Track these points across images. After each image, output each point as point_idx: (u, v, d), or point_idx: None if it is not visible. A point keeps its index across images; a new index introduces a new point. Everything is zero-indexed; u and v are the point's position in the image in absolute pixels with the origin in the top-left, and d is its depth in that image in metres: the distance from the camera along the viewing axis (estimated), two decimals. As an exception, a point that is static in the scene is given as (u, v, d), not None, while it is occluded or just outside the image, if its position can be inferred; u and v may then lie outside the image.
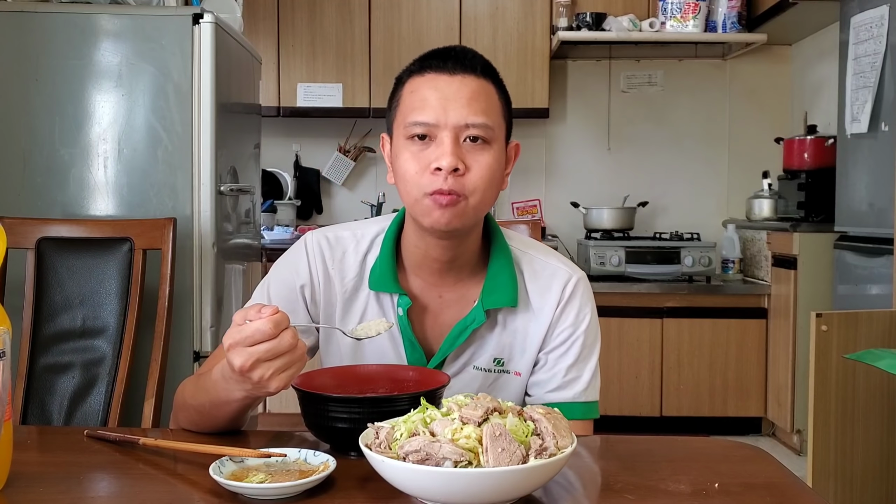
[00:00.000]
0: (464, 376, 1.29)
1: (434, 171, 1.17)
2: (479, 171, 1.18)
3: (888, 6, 2.93)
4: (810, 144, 3.81)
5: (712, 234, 4.41)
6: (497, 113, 1.22)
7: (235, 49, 2.59)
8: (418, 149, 1.19)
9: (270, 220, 4.33)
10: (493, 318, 1.29)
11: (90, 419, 1.98)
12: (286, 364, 1.01)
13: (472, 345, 1.29)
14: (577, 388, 1.28)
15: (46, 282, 2.02)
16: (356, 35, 4.25)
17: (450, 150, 1.16)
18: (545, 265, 1.32)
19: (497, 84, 1.24)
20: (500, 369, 1.30)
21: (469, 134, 1.18)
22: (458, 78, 1.19)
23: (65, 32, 2.30)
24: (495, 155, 1.20)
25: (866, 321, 2.35)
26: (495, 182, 1.22)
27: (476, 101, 1.19)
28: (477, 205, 1.20)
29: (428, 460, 0.88)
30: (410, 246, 1.28)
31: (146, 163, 2.31)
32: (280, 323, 1.00)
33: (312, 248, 1.32)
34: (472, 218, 1.21)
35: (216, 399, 1.13)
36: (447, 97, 1.18)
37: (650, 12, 4.19)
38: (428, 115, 1.18)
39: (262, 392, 1.04)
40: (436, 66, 1.20)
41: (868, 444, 2.35)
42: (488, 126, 1.19)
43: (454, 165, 1.16)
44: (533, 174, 4.61)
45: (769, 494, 0.91)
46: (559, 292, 1.29)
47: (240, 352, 1.00)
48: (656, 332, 3.95)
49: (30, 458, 1.10)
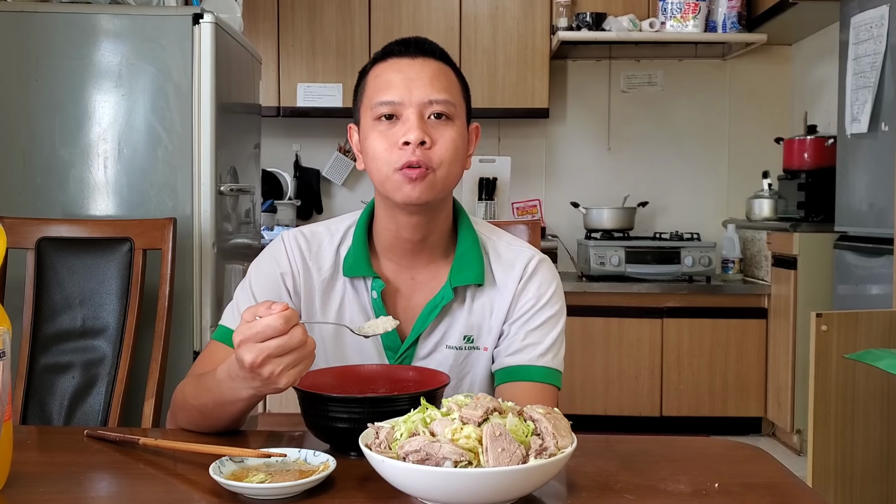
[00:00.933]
0: (436, 356, 1.33)
1: (402, 146, 1.23)
2: (444, 144, 1.25)
3: (888, 6, 2.93)
4: (810, 144, 3.81)
5: (712, 234, 4.41)
6: (457, 92, 1.29)
7: (235, 49, 2.59)
8: (385, 128, 1.25)
9: (270, 220, 4.33)
10: (461, 295, 1.33)
11: (90, 419, 1.98)
12: (296, 360, 1.02)
13: (443, 322, 1.33)
14: (534, 352, 1.31)
15: (46, 282, 2.02)
16: (356, 35, 4.25)
17: (416, 124, 1.23)
18: (509, 248, 1.38)
19: (454, 69, 1.32)
20: (469, 346, 1.34)
21: (433, 111, 1.25)
22: (419, 60, 1.27)
23: (65, 32, 2.30)
24: (458, 130, 1.27)
25: (866, 321, 2.35)
26: (460, 156, 1.28)
27: (437, 79, 1.26)
28: (445, 177, 1.26)
29: (428, 460, 0.88)
30: (381, 229, 1.33)
31: (146, 163, 2.31)
32: (290, 319, 1.01)
33: (290, 242, 1.37)
34: (441, 190, 1.27)
35: (220, 399, 1.13)
36: (410, 77, 1.25)
37: (650, 12, 4.20)
38: (393, 95, 1.25)
39: (270, 389, 1.05)
40: (398, 51, 1.28)
41: (868, 444, 2.35)
42: (450, 102, 1.26)
43: (421, 138, 1.22)
44: (533, 174, 4.61)
45: (769, 494, 0.91)
46: (521, 269, 1.35)
47: (250, 348, 1.00)
48: (656, 332, 3.95)
49: (30, 458, 1.10)
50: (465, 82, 1.33)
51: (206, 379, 1.18)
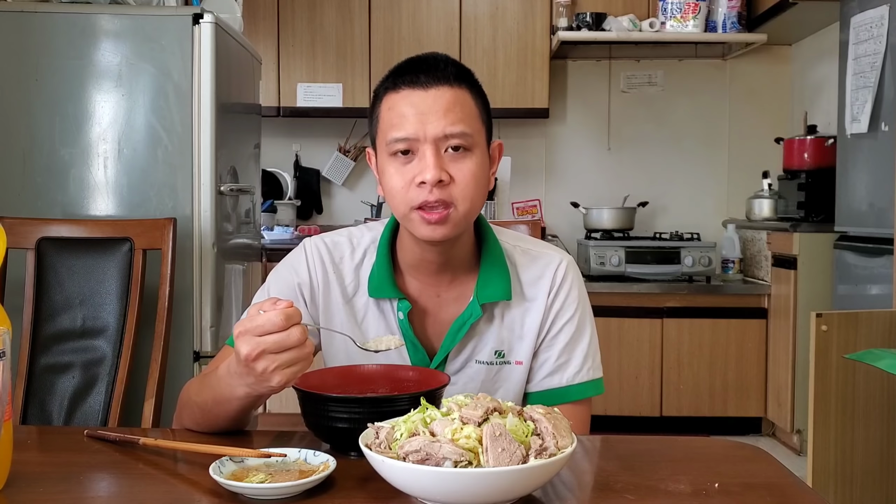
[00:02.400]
0: (467, 371, 1.32)
1: (419, 185, 1.19)
2: (463, 179, 1.21)
3: (888, 6, 2.93)
4: (810, 144, 3.81)
5: (712, 234, 4.41)
6: (475, 118, 1.24)
7: (235, 49, 2.59)
8: (401, 164, 1.21)
9: (270, 220, 4.33)
10: (489, 312, 1.31)
11: (90, 419, 1.98)
12: (292, 360, 1.02)
13: (472, 339, 1.31)
14: (568, 371, 1.32)
15: (46, 282, 2.02)
16: (356, 35, 4.25)
17: (432, 162, 1.19)
18: (536, 255, 1.35)
19: (472, 88, 1.26)
20: (501, 361, 1.33)
21: (449, 144, 1.20)
22: (433, 91, 1.21)
23: (65, 32, 2.30)
24: (478, 160, 1.22)
25: (866, 321, 2.35)
26: (481, 186, 1.24)
27: (452, 111, 1.20)
28: (467, 212, 1.22)
29: (428, 460, 0.88)
30: (406, 250, 1.31)
31: (146, 163, 2.31)
32: (291, 317, 1.01)
33: (312, 252, 1.35)
34: (464, 225, 1.24)
35: (219, 396, 1.13)
36: (423, 111, 1.20)
37: (650, 12, 4.19)
38: (407, 131, 1.20)
39: (264, 387, 1.04)
40: (409, 81, 1.22)
41: (868, 444, 2.35)
42: (467, 134, 1.21)
43: (438, 178, 1.18)
44: (533, 174, 4.61)
45: (769, 494, 0.91)
46: (550, 279, 1.33)
47: (248, 340, 1.01)
48: (656, 332, 3.96)
49: (30, 458, 1.10)
50: (484, 101, 1.28)
51: (209, 376, 1.18)
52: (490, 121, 1.29)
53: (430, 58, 1.25)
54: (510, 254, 1.34)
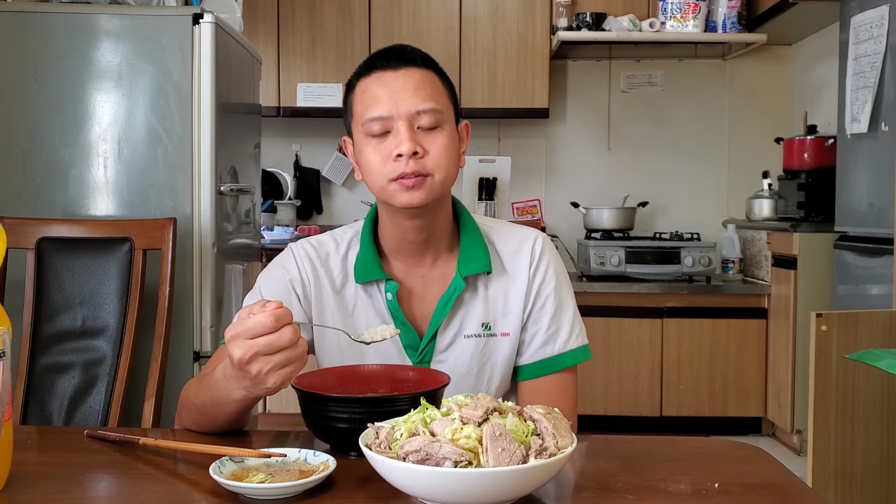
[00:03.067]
0: (456, 346, 1.35)
1: (395, 159, 1.26)
2: (436, 151, 1.27)
3: (888, 6, 2.93)
4: (810, 144, 3.81)
5: (712, 234, 4.41)
6: (443, 97, 1.31)
7: (235, 49, 2.59)
8: (378, 142, 1.28)
9: (270, 220, 4.33)
10: (472, 284, 1.36)
11: (90, 419, 1.98)
12: (285, 360, 1.02)
13: (459, 313, 1.35)
14: (559, 340, 1.37)
15: (46, 282, 2.02)
16: (356, 35, 4.25)
17: (407, 136, 1.25)
18: (510, 233, 1.42)
19: (438, 72, 1.33)
20: (488, 333, 1.37)
21: (421, 120, 1.27)
22: (402, 72, 1.29)
23: (65, 32, 2.30)
24: (448, 134, 1.29)
25: (866, 321, 2.35)
26: (454, 158, 1.30)
27: (422, 88, 1.28)
28: (442, 180, 1.28)
29: (428, 460, 0.88)
30: (387, 233, 1.36)
31: (146, 163, 2.31)
32: (281, 318, 1.01)
33: (299, 251, 1.39)
34: (440, 192, 1.29)
35: (216, 398, 1.13)
36: (395, 90, 1.27)
37: (650, 12, 4.19)
38: (381, 110, 1.26)
39: (260, 389, 1.04)
40: (380, 65, 1.30)
41: (868, 444, 2.35)
42: (437, 110, 1.27)
43: (413, 149, 1.24)
44: (533, 174, 4.61)
45: (769, 494, 0.91)
46: (529, 254, 1.39)
47: (240, 343, 1.01)
48: (656, 332, 3.95)
49: (30, 458, 1.10)
50: (450, 84, 1.35)
51: (207, 378, 1.18)
52: (457, 103, 1.36)
53: (398, 46, 1.33)
54: (486, 233, 1.40)
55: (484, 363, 1.36)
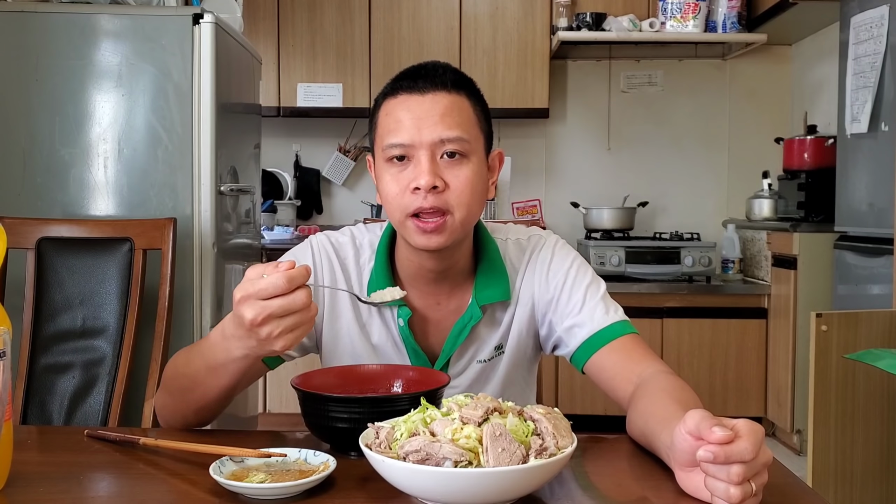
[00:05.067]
0: (469, 372, 1.33)
1: (414, 191, 1.18)
2: (458, 185, 1.19)
3: (888, 6, 2.93)
4: (810, 144, 3.81)
5: (712, 234, 4.42)
6: (472, 125, 1.22)
7: (235, 49, 2.59)
8: (398, 170, 1.20)
9: (270, 220, 4.33)
10: (489, 313, 1.31)
11: (90, 419, 1.98)
12: (296, 323, 1.00)
13: (474, 343, 1.32)
14: (596, 317, 1.27)
15: (46, 282, 2.02)
16: (356, 35, 4.25)
17: (427, 168, 1.17)
18: (524, 245, 1.35)
19: (472, 95, 1.24)
20: (499, 354, 1.34)
21: (445, 150, 1.18)
22: (430, 96, 1.20)
23: (65, 32, 2.30)
24: (474, 167, 1.21)
25: (866, 321, 2.35)
26: (478, 194, 1.22)
27: (449, 115, 1.19)
28: (463, 219, 1.21)
29: (428, 460, 0.88)
30: (404, 259, 1.30)
31: (146, 163, 2.31)
32: (294, 279, 0.99)
33: (319, 250, 1.34)
34: (461, 233, 1.23)
35: (212, 361, 1.11)
36: (419, 116, 1.18)
37: (650, 12, 4.19)
38: (403, 136, 1.18)
39: (265, 349, 1.03)
40: (407, 86, 1.21)
41: (868, 444, 2.35)
42: (463, 139, 1.19)
43: (432, 183, 1.17)
44: (533, 174, 4.61)
45: (769, 494, 0.90)
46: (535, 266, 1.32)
47: (252, 304, 0.99)
48: (656, 332, 3.95)
49: (30, 458, 1.09)
50: (483, 108, 1.26)
51: (198, 344, 1.17)
52: (490, 130, 1.27)
53: (430, 65, 1.24)
54: (504, 249, 1.34)
55: (495, 378, 1.34)
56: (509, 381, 1.35)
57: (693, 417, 0.88)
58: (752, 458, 0.85)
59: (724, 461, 0.84)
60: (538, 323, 1.34)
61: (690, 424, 0.88)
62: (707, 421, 0.87)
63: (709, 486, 0.87)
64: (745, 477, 0.84)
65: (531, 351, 1.37)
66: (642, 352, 1.24)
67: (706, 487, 0.87)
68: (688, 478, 0.91)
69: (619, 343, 1.25)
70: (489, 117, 1.28)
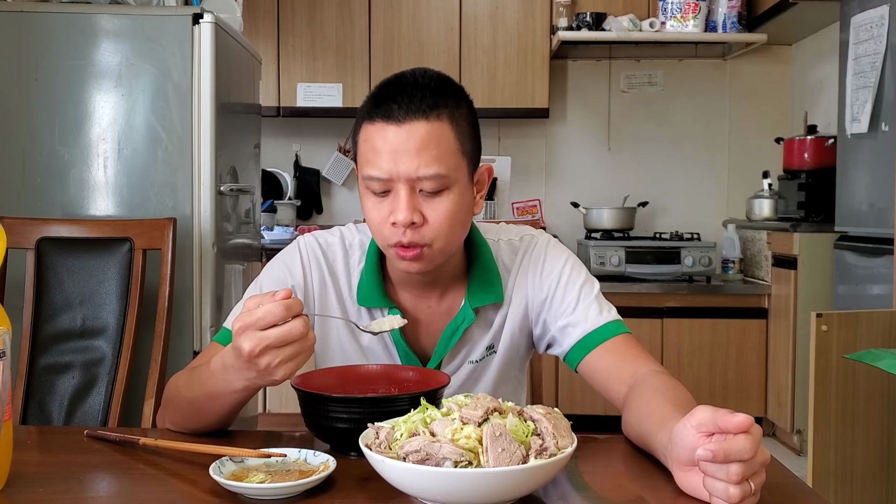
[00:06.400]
0: (460, 374, 1.33)
1: (393, 224, 1.17)
2: (437, 219, 1.17)
3: (888, 6, 2.93)
4: (810, 144, 3.81)
5: (712, 234, 4.41)
6: (452, 153, 1.17)
7: (235, 49, 2.59)
8: (378, 200, 1.19)
9: (270, 220, 4.33)
10: (481, 314, 1.31)
11: (90, 419, 1.98)
12: (295, 352, 1.00)
13: (466, 344, 1.32)
14: (590, 316, 1.28)
15: (46, 282, 2.02)
16: (356, 35, 4.25)
17: (404, 204, 1.15)
18: (517, 245, 1.34)
19: (453, 117, 1.18)
20: (491, 353, 1.34)
21: (422, 186, 1.16)
22: (407, 127, 1.15)
23: (65, 32, 2.30)
24: (455, 197, 1.18)
25: (866, 321, 2.35)
26: (459, 222, 1.20)
27: (426, 149, 1.15)
28: (443, 248, 1.20)
29: (428, 460, 0.88)
30: (394, 267, 1.29)
31: (146, 163, 2.31)
32: (292, 308, 0.99)
33: (307, 252, 1.33)
34: (441, 259, 1.22)
35: (212, 390, 1.11)
36: (396, 149, 1.15)
37: (650, 12, 4.20)
38: (381, 170, 1.16)
39: (266, 380, 1.03)
40: (383, 113, 1.16)
41: (868, 444, 2.35)
42: (441, 175, 1.16)
43: (409, 220, 1.15)
44: (533, 174, 4.61)
45: (769, 494, 0.90)
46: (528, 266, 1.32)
47: (250, 336, 0.98)
48: (656, 332, 3.95)
49: (30, 458, 1.09)
50: (470, 124, 1.21)
51: (199, 371, 1.16)
52: (476, 148, 1.23)
53: (409, 81, 1.18)
54: (496, 250, 1.33)
55: (487, 377, 1.34)
56: (501, 381, 1.35)
57: (704, 412, 0.88)
58: (751, 457, 0.84)
59: (723, 460, 0.84)
60: (532, 323, 1.34)
61: (699, 418, 0.87)
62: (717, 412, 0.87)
63: (707, 485, 0.87)
64: (743, 476, 0.84)
65: (523, 350, 1.37)
66: (636, 352, 1.24)
67: (705, 487, 0.87)
68: (686, 477, 0.91)
69: (612, 343, 1.25)
70: (477, 132, 1.24)
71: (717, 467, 0.85)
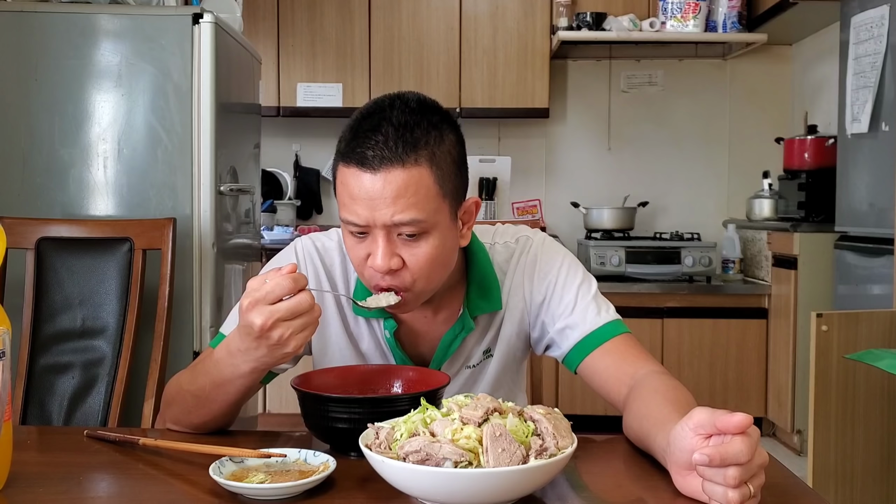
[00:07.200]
0: (458, 379, 1.33)
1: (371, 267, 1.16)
2: (416, 263, 1.15)
3: (888, 6, 2.93)
4: (810, 144, 3.81)
5: (712, 234, 4.41)
6: (432, 198, 1.13)
7: (235, 49, 2.59)
8: (357, 240, 1.16)
9: (270, 220, 4.33)
10: (480, 321, 1.30)
11: (90, 419, 1.98)
12: (304, 324, 1.02)
13: (464, 350, 1.32)
14: (589, 317, 1.26)
15: (46, 282, 2.02)
16: (356, 35, 4.25)
17: (382, 251, 1.13)
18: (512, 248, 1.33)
19: (433, 157, 1.13)
20: (488, 357, 1.34)
21: (400, 230, 1.13)
22: (382, 175, 1.10)
23: (64, 32, 2.30)
24: (435, 241, 1.15)
25: (866, 321, 2.35)
26: (439, 264, 1.17)
27: (402, 197, 1.10)
28: (424, 288, 1.18)
29: (428, 460, 0.88)
30: None
31: (146, 163, 2.31)
32: (299, 280, 1.01)
33: (303, 255, 1.32)
34: (424, 298, 1.21)
35: (218, 378, 1.12)
36: (372, 197, 1.11)
37: (650, 12, 4.20)
38: (357, 217, 1.13)
39: (276, 355, 1.04)
40: (358, 159, 1.11)
41: (868, 444, 2.34)
42: (418, 220, 1.12)
43: (387, 267, 1.13)
44: (533, 174, 4.61)
45: (769, 494, 0.90)
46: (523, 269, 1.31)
47: (260, 310, 1.00)
48: (656, 332, 3.95)
49: (30, 458, 1.09)
50: (450, 166, 1.15)
51: (202, 363, 1.17)
52: (460, 182, 1.19)
53: (386, 121, 1.12)
54: (492, 255, 1.31)
55: (483, 381, 1.34)
56: (498, 384, 1.35)
57: (701, 413, 0.87)
58: (748, 460, 0.84)
59: (719, 464, 0.84)
60: (529, 325, 1.33)
61: (697, 420, 0.87)
62: (715, 413, 0.86)
63: (706, 490, 0.86)
64: (741, 479, 0.84)
65: (520, 353, 1.37)
66: (636, 352, 1.24)
67: (704, 492, 0.87)
68: (685, 480, 0.91)
69: (612, 344, 1.25)
70: (463, 166, 1.19)
71: (715, 471, 0.85)
